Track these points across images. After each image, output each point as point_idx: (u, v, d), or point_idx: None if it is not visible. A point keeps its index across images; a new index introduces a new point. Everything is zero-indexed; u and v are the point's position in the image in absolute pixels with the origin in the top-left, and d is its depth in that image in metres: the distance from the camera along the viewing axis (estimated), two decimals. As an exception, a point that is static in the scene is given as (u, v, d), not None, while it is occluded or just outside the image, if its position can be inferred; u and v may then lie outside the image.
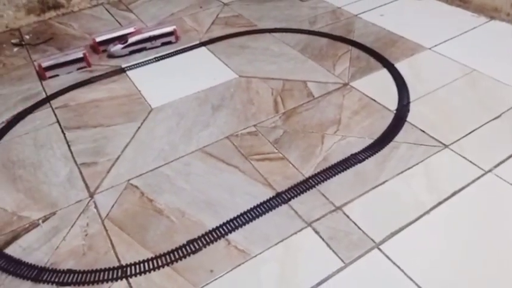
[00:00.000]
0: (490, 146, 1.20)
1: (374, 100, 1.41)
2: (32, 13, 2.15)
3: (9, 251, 1.02)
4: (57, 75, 1.69)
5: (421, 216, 1.02)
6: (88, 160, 1.27)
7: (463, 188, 1.08)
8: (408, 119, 1.32)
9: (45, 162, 1.28)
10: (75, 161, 1.27)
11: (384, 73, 1.55)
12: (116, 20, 2.10)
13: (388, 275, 0.90)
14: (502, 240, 0.95)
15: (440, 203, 1.04)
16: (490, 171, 1.12)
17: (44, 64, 1.65)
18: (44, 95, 1.59)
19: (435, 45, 1.68)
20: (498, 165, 1.14)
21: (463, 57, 1.58)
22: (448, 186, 1.08)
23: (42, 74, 1.66)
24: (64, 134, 1.38)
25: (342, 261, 0.93)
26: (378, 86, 1.48)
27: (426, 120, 1.31)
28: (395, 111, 1.35)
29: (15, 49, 1.93)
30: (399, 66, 1.57)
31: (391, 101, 1.40)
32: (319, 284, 0.90)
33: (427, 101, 1.39)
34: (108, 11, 2.21)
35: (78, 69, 1.72)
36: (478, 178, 1.10)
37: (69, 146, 1.33)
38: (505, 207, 1.02)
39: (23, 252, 1.02)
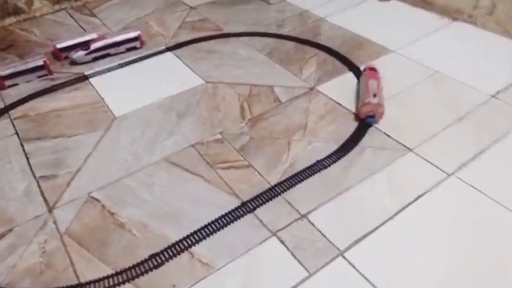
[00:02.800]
0: (453, 149, 1.21)
1: (340, 104, 1.41)
2: (-9, 19, 2.07)
3: (-39, 272, 0.97)
4: (16, 84, 1.63)
5: (385, 221, 1.02)
6: (47, 173, 1.23)
7: (427, 191, 1.09)
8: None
9: (2, 176, 1.23)
10: (33, 175, 1.22)
11: (350, 76, 1.56)
12: (80, 26, 2.04)
13: (352, 284, 0.89)
14: (466, 243, 0.96)
15: (404, 208, 1.05)
16: (453, 174, 1.13)
17: (2, 73, 1.59)
18: (1, 105, 1.53)
19: (400, 48, 1.69)
20: (461, 168, 1.15)
21: (426, 59, 1.60)
22: (411, 191, 1.09)
23: (1, 84, 1.60)
24: (23, 146, 1.33)
25: (307, 270, 0.93)
26: (344, 89, 1.48)
27: (391, 124, 1.31)
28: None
29: (-27, 57, 1.85)
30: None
31: (356, 105, 1.41)
32: (284, 295, 0.89)
33: (392, 104, 1.40)
34: (71, 16, 2.15)
35: (38, 77, 1.66)
36: (441, 182, 1.11)
37: (27, 159, 1.28)
38: (468, 211, 1.04)
39: (-24, 273, 0.97)
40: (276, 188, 1.13)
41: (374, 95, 1.33)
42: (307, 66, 1.63)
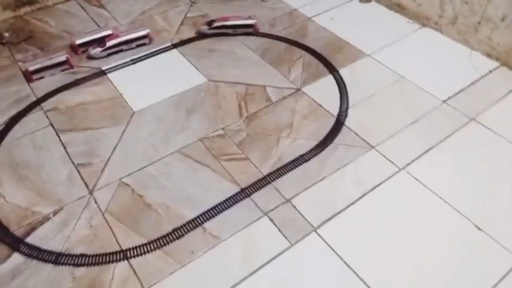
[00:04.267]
0: (406, 147, 1.54)
1: (321, 105, 1.72)
2: (8, 9, 2.27)
3: (29, 240, 1.29)
4: (42, 77, 1.88)
5: (349, 205, 1.36)
6: (83, 161, 1.52)
7: (382, 183, 1.43)
8: (346, 123, 1.64)
9: (46, 163, 1.52)
10: (72, 162, 1.52)
11: (330, 79, 1.85)
12: (91, 18, 2.26)
13: (323, 253, 1.24)
14: (412, 227, 1.31)
15: (364, 195, 1.39)
16: (403, 168, 1.47)
17: (31, 68, 1.84)
18: (33, 98, 1.79)
19: (374, 52, 1.98)
20: (410, 163, 1.49)
21: (394, 64, 1.90)
22: (371, 182, 1.43)
23: (29, 77, 1.85)
24: (59, 136, 1.62)
25: (289, 242, 1.27)
26: (325, 91, 1.78)
27: (360, 124, 1.63)
28: (336, 116, 1.67)
29: (-3, 47, 2.08)
30: (342, 72, 1.87)
31: (334, 106, 1.71)
32: (272, 259, 1.23)
33: (362, 106, 1.71)
34: (81, 7, 2.35)
35: (61, 70, 1.91)
36: (393, 175, 1.45)
37: (65, 148, 1.57)
38: (412, 200, 1.38)
39: (41, 241, 1.29)
40: (267, 177, 1.45)
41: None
42: (294, 67, 1.92)
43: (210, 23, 2.08)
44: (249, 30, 2.10)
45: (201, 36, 2.09)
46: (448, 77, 1.84)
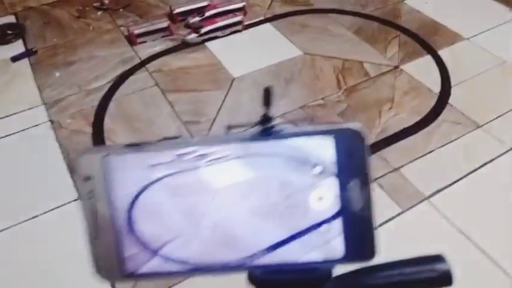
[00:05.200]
0: (513, 128, 1.51)
1: (421, 83, 1.71)
2: (108, -22, 2.37)
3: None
4: (145, 42, 1.96)
5: (460, 179, 1.35)
6: (191, 119, 1.58)
7: (492, 160, 1.40)
8: (450, 101, 1.62)
9: (155, 118, 1.59)
10: (180, 119, 1.58)
11: (428, 59, 1.83)
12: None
13: (434, 220, 1.24)
14: (519, 200, 1.29)
15: (474, 170, 1.37)
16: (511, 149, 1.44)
17: (136, 32, 1.92)
18: (137, 60, 1.87)
19: (473, 36, 1.94)
20: (519, 144, 1.46)
21: (495, 49, 1.85)
22: (480, 158, 1.41)
23: (134, 40, 1.93)
24: (165, 95, 1.68)
25: (401, 207, 1.27)
26: (424, 70, 1.77)
27: (464, 103, 1.61)
28: (438, 94, 1.65)
29: (99, 13, 2.18)
30: (441, 53, 1.85)
31: (435, 84, 1.70)
32: (384, 223, 1.24)
33: (465, 86, 1.69)
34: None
35: (162, 37, 1.99)
36: (503, 154, 1.42)
37: (172, 106, 1.64)
38: (523, 177, 1.35)
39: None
40: (372, 147, 1.46)
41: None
42: (390, 46, 1.91)
43: (200, 13, 2.01)
44: (239, 19, 2.02)
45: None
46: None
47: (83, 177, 0.29)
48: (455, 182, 1.34)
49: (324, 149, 0.28)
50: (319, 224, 0.28)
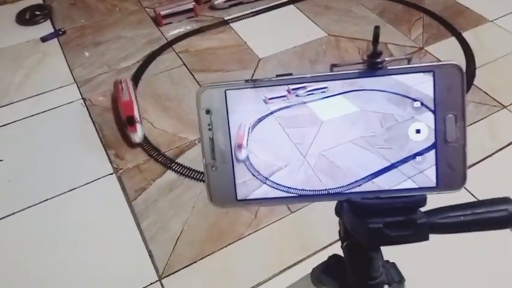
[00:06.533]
0: (539, 109, 1.52)
1: (446, 64, 1.72)
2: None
3: (180, 161, 1.40)
4: (170, 23, 1.99)
5: (485, 158, 1.37)
6: (219, 98, 1.61)
7: (517, 139, 1.43)
8: (475, 82, 1.63)
9: (184, 97, 1.63)
10: (209, 98, 1.61)
11: (453, 41, 1.84)
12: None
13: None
14: (545, 178, 1.31)
15: (500, 150, 1.39)
16: (538, 128, 1.46)
17: (163, 12, 1.95)
18: (164, 40, 1.90)
19: (497, 19, 1.94)
20: (545, 124, 1.47)
21: (520, 31, 1.86)
22: (506, 138, 1.43)
23: (160, 21, 1.96)
24: (193, 75, 1.72)
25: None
26: (448, 52, 1.78)
27: (489, 85, 1.62)
28: (463, 75, 1.66)
29: (124, -6, 2.21)
30: (465, 35, 1.85)
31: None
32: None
33: (490, 68, 1.69)
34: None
35: (187, 18, 2.01)
36: (529, 133, 1.44)
37: (200, 85, 1.67)
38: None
39: (191, 162, 1.39)
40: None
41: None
42: (414, 27, 1.92)
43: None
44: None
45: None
46: None
47: (205, 110, 0.32)
48: (480, 161, 1.36)
49: (424, 85, 0.31)
50: (415, 155, 0.32)
